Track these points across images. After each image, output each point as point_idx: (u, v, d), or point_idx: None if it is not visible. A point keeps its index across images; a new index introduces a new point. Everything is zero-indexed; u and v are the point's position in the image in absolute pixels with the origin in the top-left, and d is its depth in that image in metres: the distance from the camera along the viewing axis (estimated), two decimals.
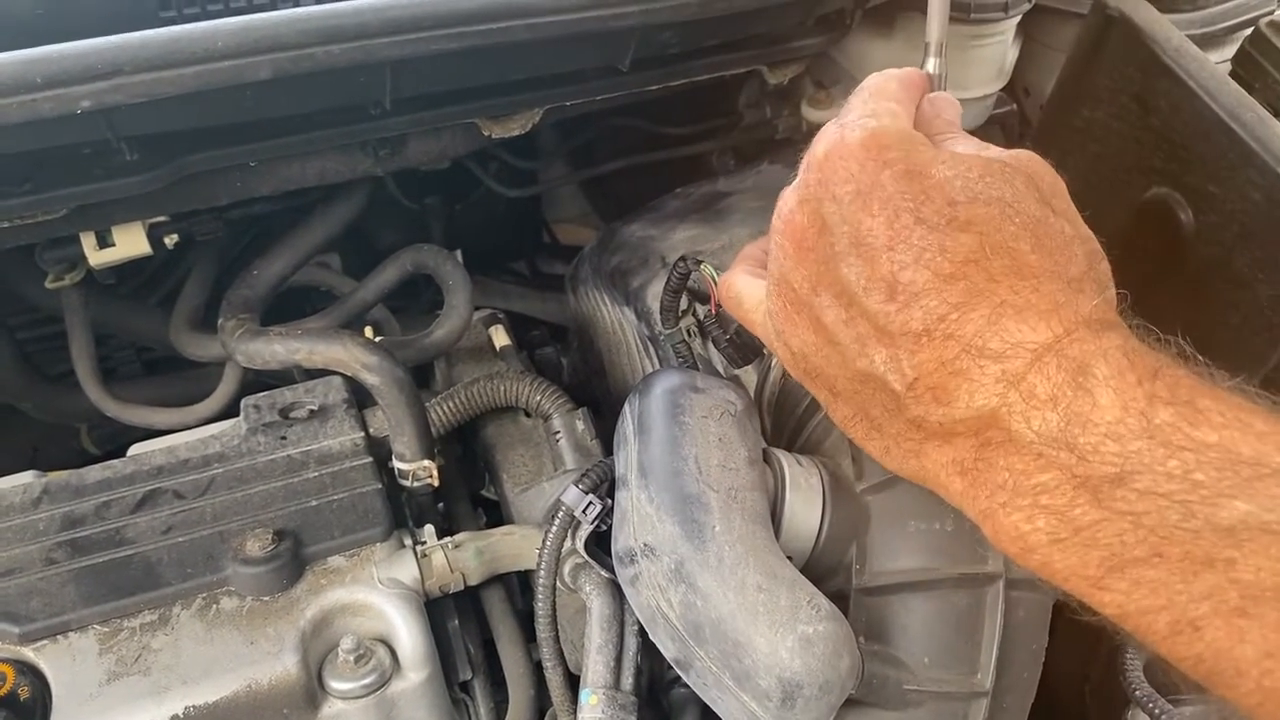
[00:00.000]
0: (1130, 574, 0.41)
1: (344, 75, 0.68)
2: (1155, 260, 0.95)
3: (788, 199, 0.54)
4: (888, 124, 0.52)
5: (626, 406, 0.63)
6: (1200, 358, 0.49)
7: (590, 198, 1.44)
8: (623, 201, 1.37)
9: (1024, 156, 0.53)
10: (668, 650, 0.57)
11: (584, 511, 0.68)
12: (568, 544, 0.71)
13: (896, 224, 0.48)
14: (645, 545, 0.57)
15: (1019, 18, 0.95)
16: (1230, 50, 1.00)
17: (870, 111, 0.54)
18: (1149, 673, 0.74)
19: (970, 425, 0.46)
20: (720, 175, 1.01)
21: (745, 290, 0.60)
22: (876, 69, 1.00)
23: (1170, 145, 0.91)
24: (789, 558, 0.60)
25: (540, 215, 1.44)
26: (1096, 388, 0.43)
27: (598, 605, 0.67)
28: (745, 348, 0.72)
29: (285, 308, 1.02)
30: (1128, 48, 0.93)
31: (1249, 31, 0.98)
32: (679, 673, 0.57)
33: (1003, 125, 1.16)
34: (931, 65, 0.64)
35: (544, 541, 0.69)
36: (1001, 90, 1.08)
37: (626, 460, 0.61)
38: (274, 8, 0.72)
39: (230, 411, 0.94)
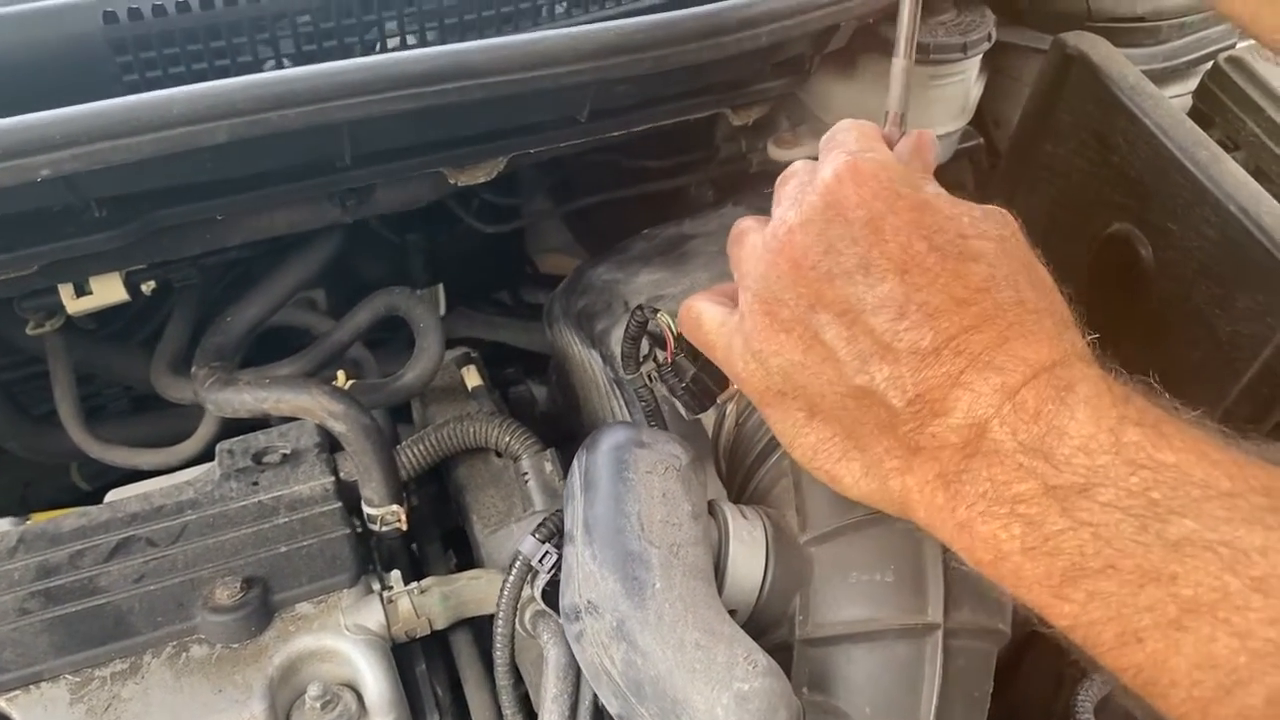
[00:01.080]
0: (1086, 585, 0.44)
1: (301, 136, 0.69)
2: (1119, 295, 0.96)
3: (786, 220, 0.55)
4: (891, 160, 0.55)
5: (575, 462, 0.65)
6: (1166, 394, 0.52)
7: (573, 229, 1.45)
8: (605, 233, 1.38)
9: (997, 210, 0.55)
10: (611, 706, 0.58)
11: (540, 561, 0.69)
12: (527, 591, 0.72)
13: (910, 249, 0.50)
14: (589, 602, 0.58)
15: (979, 57, 0.96)
16: (1192, 83, 1.01)
17: (870, 147, 0.57)
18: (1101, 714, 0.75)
19: (962, 434, 0.48)
20: (687, 217, 1.02)
21: (706, 314, 0.62)
22: (840, 108, 1.02)
23: (1129, 182, 0.92)
24: (733, 610, 0.61)
25: (522, 247, 1.46)
26: (1076, 405, 0.46)
27: (554, 654, 0.69)
28: (701, 394, 0.73)
29: (270, 345, 1.04)
30: (1086, 85, 0.94)
31: (1209, 65, 0.99)
32: None
33: (971, 158, 1.17)
34: (895, 106, 0.65)
35: (501, 591, 0.70)
36: (970, 124, 1.09)
37: (573, 516, 0.62)
38: (234, 68, 0.75)
39: (211, 452, 0.95)
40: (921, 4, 0.68)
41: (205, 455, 0.99)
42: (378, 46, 0.78)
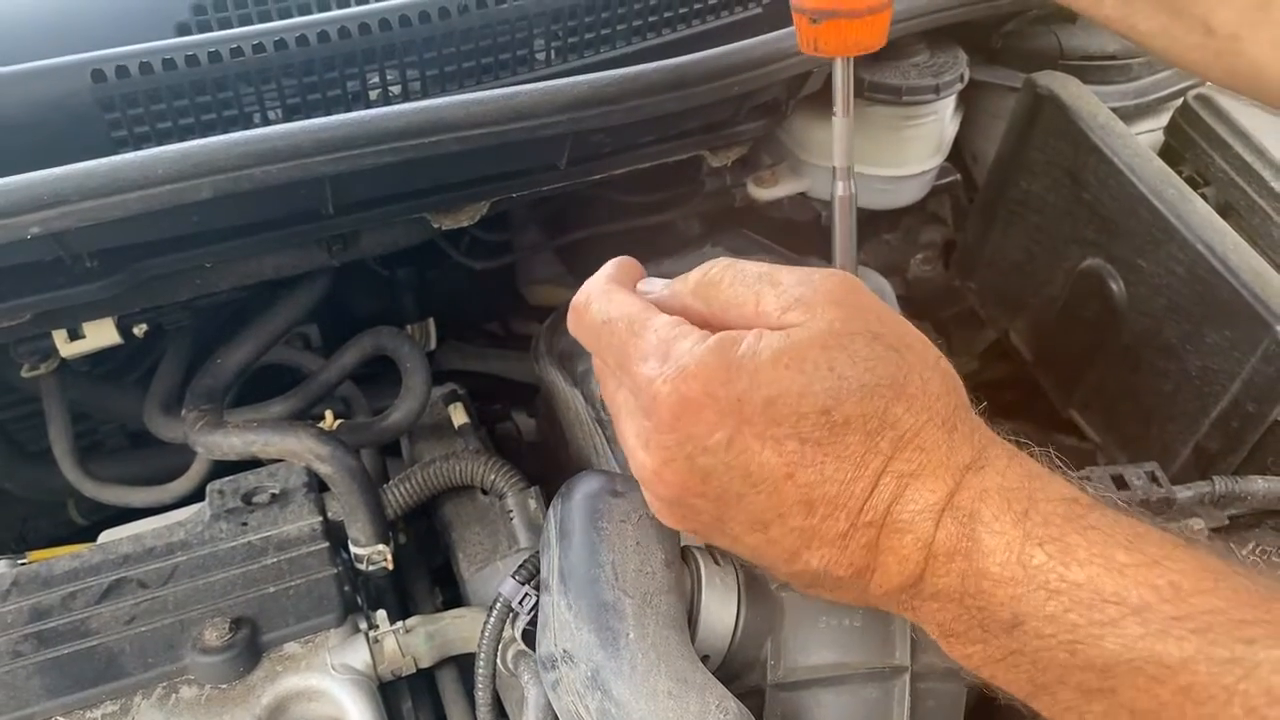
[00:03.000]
0: (1049, 694, 0.47)
1: (284, 189, 0.71)
2: (1093, 329, 0.98)
3: (644, 464, 0.54)
4: (689, 358, 0.50)
5: (550, 509, 0.66)
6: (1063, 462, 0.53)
7: (564, 261, 1.47)
8: (596, 265, 1.40)
9: (834, 285, 0.52)
10: None
11: (520, 602, 0.71)
12: (508, 631, 0.74)
13: (784, 451, 0.49)
14: (564, 651, 0.59)
15: (953, 97, 0.98)
16: (1163, 119, 1.03)
17: (657, 350, 0.52)
18: None
19: (905, 589, 0.50)
20: (670, 254, 1.04)
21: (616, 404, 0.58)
22: (818, 146, 1.04)
23: (1100, 219, 0.94)
24: (705, 656, 0.63)
25: (513, 279, 1.47)
26: (984, 535, 0.47)
27: (534, 694, 0.70)
28: None
29: (261, 381, 1.06)
30: (1058, 124, 0.96)
31: (1179, 102, 1.01)
32: None
33: (950, 193, 1.19)
34: (840, 189, 0.67)
35: (482, 633, 0.72)
36: (949, 160, 1.11)
37: (549, 565, 0.63)
38: (220, 122, 0.77)
39: (202, 490, 0.96)
40: (853, 66, 0.68)
41: (197, 493, 1.00)
42: (362, 97, 0.80)
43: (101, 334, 0.92)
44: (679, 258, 1.02)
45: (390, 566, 0.87)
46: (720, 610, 0.63)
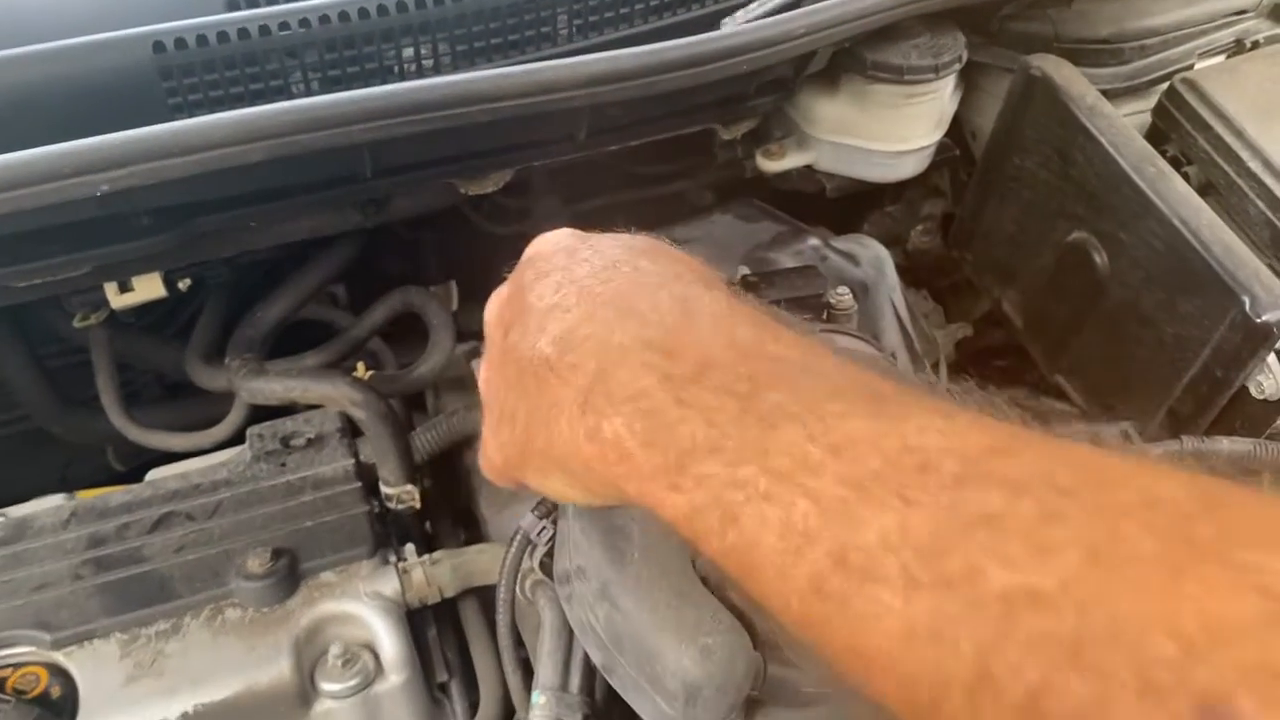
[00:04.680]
0: (694, 470, 0.44)
1: (327, 154, 0.77)
2: (1078, 298, 1.04)
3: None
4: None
5: None
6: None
7: (581, 228, 1.53)
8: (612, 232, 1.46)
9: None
10: (596, 657, 0.66)
11: (538, 535, 0.78)
12: (527, 562, 0.81)
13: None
14: (578, 568, 0.66)
15: (952, 76, 1.04)
16: (1151, 101, 1.09)
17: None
18: None
19: (593, 354, 0.50)
20: (680, 221, 1.10)
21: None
22: (823, 121, 1.10)
23: (1087, 194, 1.00)
24: (704, 577, 0.70)
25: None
26: (699, 312, 0.50)
27: (549, 616, 0.77)
28: None
29: (296, 337, 1.13)
30: (1049, 104, 1.02)
31: (1166, 85, 1.06)
32: (606, 677, 0.66)
33: (949, 168, 1.25)
34: None
35: (503, 561, 0.79)
36: (949, 136, 1.17)
37: None
38: (267, 91, 0.83)
39: (240, 435, 1.04)
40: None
41: (234, 439, 1.07)
42: (396, 69, 0.87)
43: (149, 287, 0.99)
44: (689, 225, 1.08)
45: (418, 505, 0.95)
46: None
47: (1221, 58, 1.12)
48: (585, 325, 0.51)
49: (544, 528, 0.78)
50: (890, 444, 0.39)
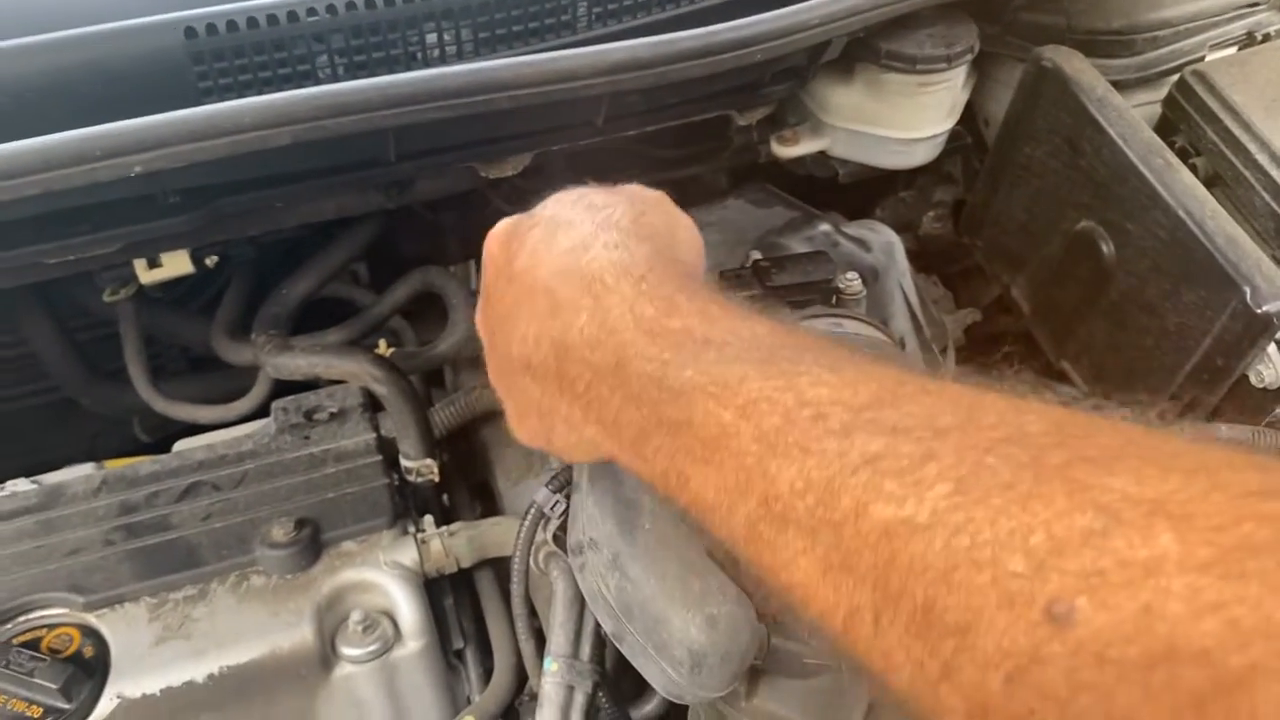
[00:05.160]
0: (650, 444, 0.51)
1: (352, 138, 0.80)
2: (1085, 286, 1.06)
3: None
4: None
5: None
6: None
7: None
8: None
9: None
10: (606, 625, 0.69)
11: (552, 508, 0.81)
12: (540, 534, 0.84)
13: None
14: (590, 539, 0.69)
15: (965, 65, 1.06)
16: (1161, 92, 1.10)
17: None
18: None
19: (552, 351, 0.56)
20: (693, 206, 1.12)
21: None
22: (837, 109, 1.11)
23: (1094, 184, 1.02)
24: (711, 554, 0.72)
25: None
26: (604, 294, 0.54)
27: (562, 587, 0.80)
28: None
29: (319, 314, 1.15)
30: (1059, 95, 1.03)
31: (1176, 77, 1.08)
32: (615, 644, 0.69)
33: (962, 155, 1.26)
34: None
35: (518, 534, 0.82)
36: (961, 124, 1.18)
37: (579, 469, 0.73)
38: (294, 76, 0.86)
39: (264, 409, 1.07)
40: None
41: (258, 412, 1.10)
42: (420, 55, 0.89)
43: (177, 263, 1.02)
44: (703, 209, 1.10)
45: (436, 479, 0.98)
46: None
47: (1233, 50, 1.14)
48: (533, 322, 0.57)
49: (557, 501, 0.80)
50: (787, 399, 0.44)
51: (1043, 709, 0.32)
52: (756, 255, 0.92)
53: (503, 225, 0.66)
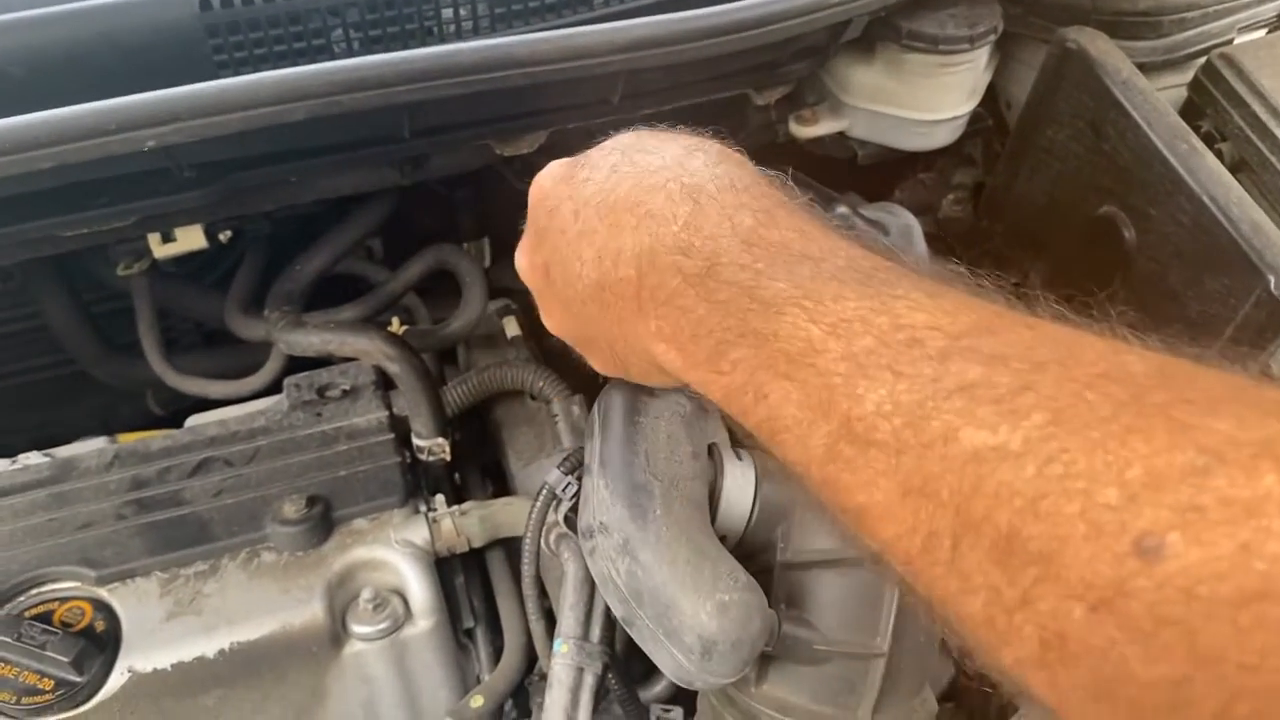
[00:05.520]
0: (729, 355, 0.49)
1: (368, 115, 0.79)
2: (1106, 271, 1.05)
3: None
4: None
5: (595, 406, 0.75)
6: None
7: None
8: None
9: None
10: (617, 610, 0.69)
11: (564, 490, 0.80)
12: (552, 516, 0.83)
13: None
14: (601, 524, 0.68)
15: (987, 46, 1.04)
16: (1188, 75, 1.08)
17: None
18: None
19: (632, 263, 0.54)
20: None
21: None
22: (858, 89, 1.10)
23: (1118, 169, 1.00)
24: (723, 536, 0.72)
25: None
26: (705, 202, 0.53)
27: (572, 569, 0.80)
28: None
29: (332, 291, 1.15)
30: (1083, 78, 1.02)
31: (1203, 60, 1.06)
32: (625, 628, 0.69)
33: (983, 137, 1.25)
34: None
35: (530, 515, 0.81)
36: (983, 105, 1.17)
37: (591, 451, 0.72)
38: (309, 50, 0.85)
39: (276, 384, 1.07)
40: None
41: (270, 388, 1.10)
42: (435, 29, 0.88)
43: (191, 238, 1.02)
44: None
45: (448, 457, 0.97)
46: (738, 497, 0.72)
47: (1263, 32, 1.12)
48: (614, 239, 0.55)
49: (569, 483, 0.80)
50: (881, 321, 0.43)
51: (1124, 642, 0.32)
52: None
53: (557, 164, 0.65)
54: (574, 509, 0.80)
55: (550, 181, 0.64)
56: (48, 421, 1.38)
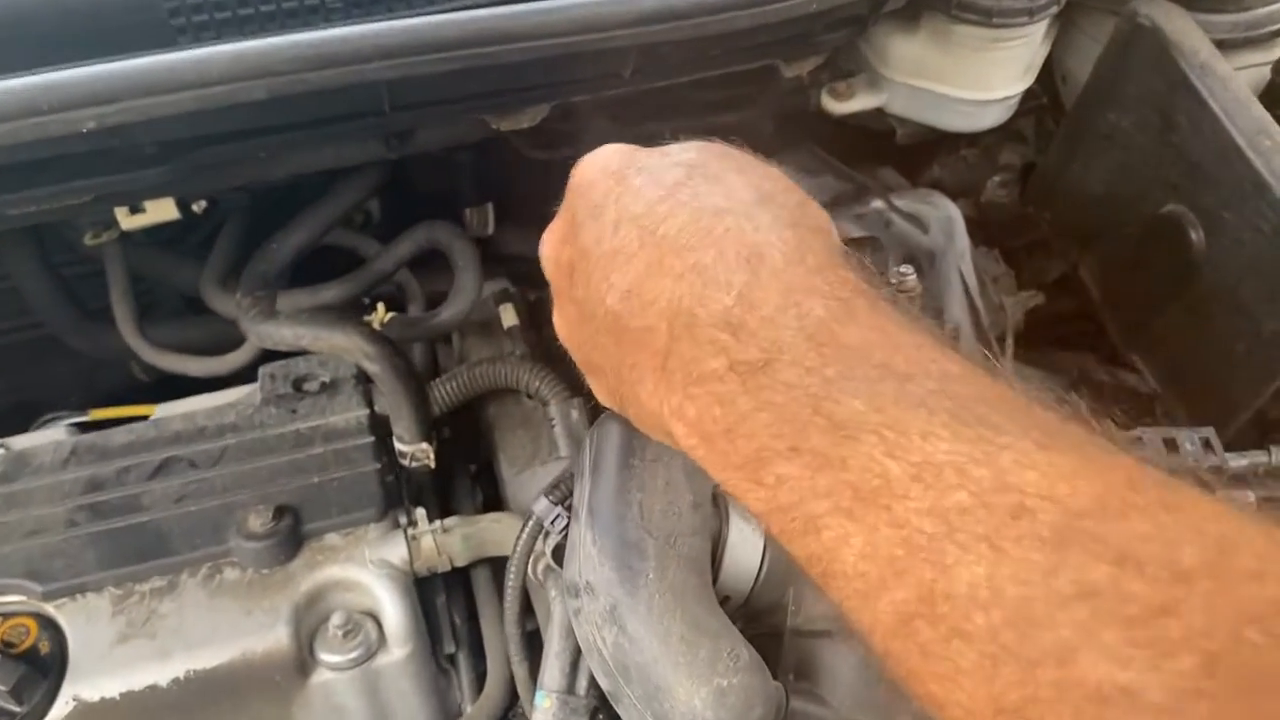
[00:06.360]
0: (774, 469, 0.41)
1: (341, 92, 0.70)
2: (1166, 276, 0.95)
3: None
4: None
5: (588, 439, 0.66)
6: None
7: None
8: None
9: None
10: (602, 681, 0.61)
11: (552, 522, 0.72)
12: (540, 545, 0.75)
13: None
14: (587, 583, 0.60)
15: (1046, 20, 0.93)
16: (1274, 53, 0.97)
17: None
18: None
19: (664, 317, 0.46)
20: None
21: None
22: (899, 62, 0.99)
23: (1188, 164, 0.90)
24: (726, 597, 0.64)
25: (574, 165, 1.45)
26: (767, 275, 0.44)
27: (559, 611, 0.72)
28: None
29: (319, 259, 1.06)
30: (1155, 58, 0.91)
31: None
32: (610, 702, 0.61)
33: (1035, 113, 1.14)
34: None
35: (514, 548, 0.73)
36: (1037, 81, 1.05)
37: (580, 495, 0.64)
38: (279, 13, 0.75)
39: (256, 363, 0.98)
40: None
41: (251, 364, 1.02)
42: None
43: (161, 209, 0.93)
44: None
45: (432, 464, 0.89)
46: (746, 553, 0.64)
47: None
48: (650, 280, 0.47)
49: (558, 514, 0.72)
50: (982, 475, 0.35)
51: None
52: None
53: (613, 151, 0.55)
54: (563, 543, 0.72)
55: (599, 172, 0.54)
56: (26, 385, 1.31)
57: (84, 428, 1.06)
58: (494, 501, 0.95)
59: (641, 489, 0.61)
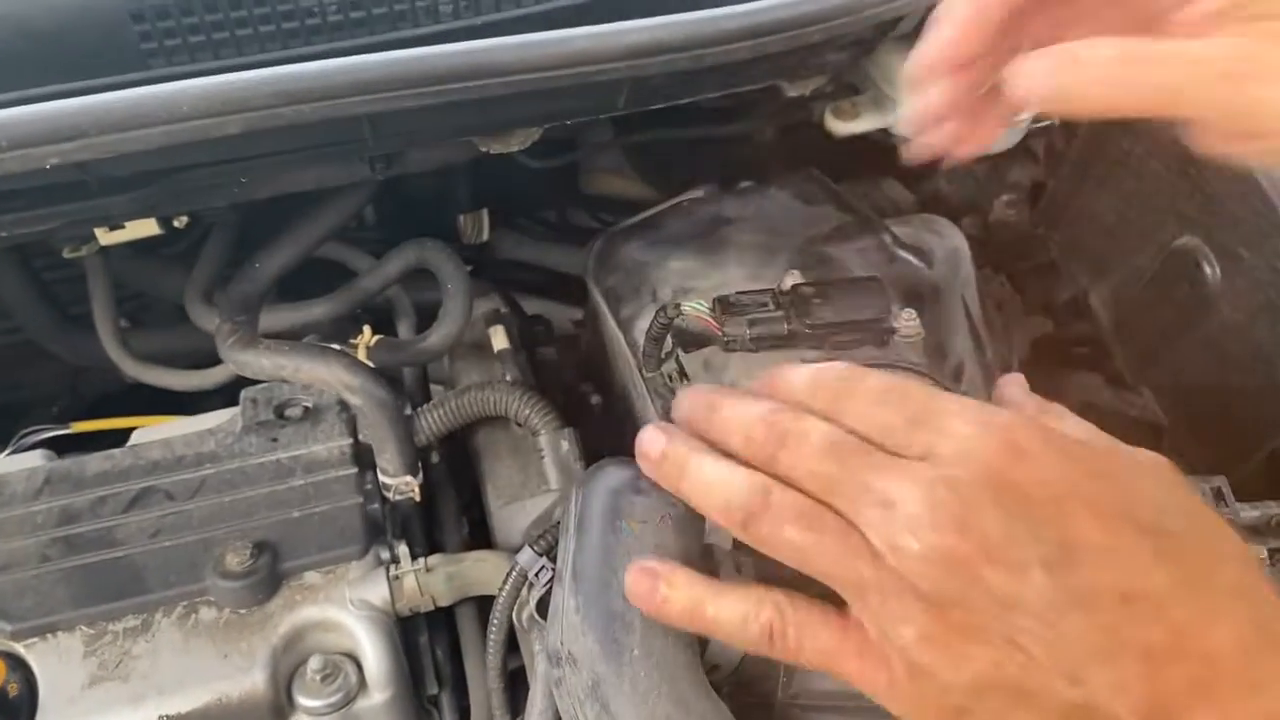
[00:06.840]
0: None
1: (319, 125, 0.66)
2: (1179, 310, 0.92)
3: (937, 511, 0.43)
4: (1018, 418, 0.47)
5: (571, 496, 0.64)
6: None
7: (629, 156, 1.41)
8: (664, 170, 1.35)
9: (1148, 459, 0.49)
10: None
11: (537, 574, 0.69)
12: (524, 595, 0.73)
13: (1110, 527, 0.42)
14: (569, 653, 0.58)
15: None
16: None
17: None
18: None
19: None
20: (737, 181, 0.98)
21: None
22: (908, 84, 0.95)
23: (1204, 196, 0.86)
24: (715, 666, 0.61)
25: (573, 172, 1.42)
26: None
27: (542, 666, 0.69)
28: None
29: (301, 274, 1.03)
30: None
31: None
32: None
33: (1046, 131, 1.10)
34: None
35: (496, 600, 0.71)
36: None
37: (564, 554, 0.61)
38: (256, 37, 0.72)
39: (239, 379, 0.95)
40: None
41: (235, 380, 0.99)
42: (408, 14, 0.75)
43: (141, 226, 0.90)
44: (742, 197, 0.96)
45: (417, 498, 0.87)
46: None
47: None
48: (1187, 699, 0.41)
49: (543, 566, 0.69)
50: None
51: None
52: (796, 276, 0.78)
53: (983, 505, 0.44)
54: (547, 597, 0.69)
55: (1060, 440, 0.46)
56: (12, 386, 1.28)
57: (64, 441, 1.04)
58: (481, 527, 0.92)
59: (629, 555, 0.59)
